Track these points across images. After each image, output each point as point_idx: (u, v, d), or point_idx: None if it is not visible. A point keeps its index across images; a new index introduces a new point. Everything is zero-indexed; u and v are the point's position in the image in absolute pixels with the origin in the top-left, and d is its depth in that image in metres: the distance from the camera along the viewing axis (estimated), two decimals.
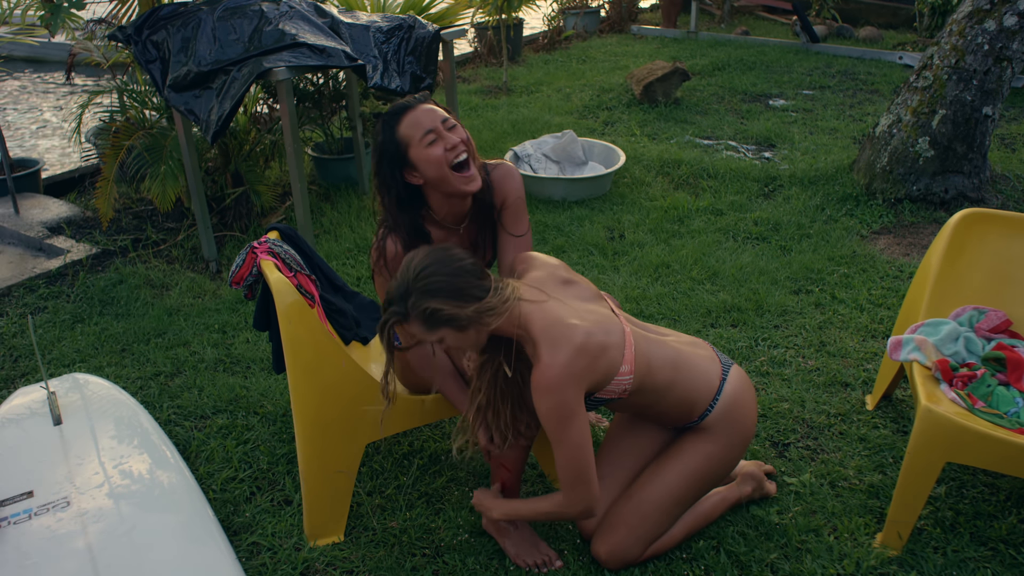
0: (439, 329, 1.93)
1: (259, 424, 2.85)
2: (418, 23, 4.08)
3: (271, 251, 2.37)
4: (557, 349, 1.91)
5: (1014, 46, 4.12)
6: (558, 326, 1.93)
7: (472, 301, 1.91)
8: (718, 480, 2.26)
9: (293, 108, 3.51)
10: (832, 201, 4.53)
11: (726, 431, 2.19)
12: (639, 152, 5.34)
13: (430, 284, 1.90)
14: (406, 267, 1.94)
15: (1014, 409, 2.26)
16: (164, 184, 3.89)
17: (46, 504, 2.21)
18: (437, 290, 1.89)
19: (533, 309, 1.96)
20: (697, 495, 2.25)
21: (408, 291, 1.91)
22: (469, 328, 1.93)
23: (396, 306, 1.93)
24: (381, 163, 2.18)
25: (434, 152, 2.13)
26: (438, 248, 1.97)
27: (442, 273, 1.90)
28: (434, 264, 1.92)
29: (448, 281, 1.90)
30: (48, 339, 3.45)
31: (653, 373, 2.08)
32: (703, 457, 2.19)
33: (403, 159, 2.16)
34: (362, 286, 3.81)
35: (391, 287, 1.95)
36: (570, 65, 8.05)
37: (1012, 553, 2.25)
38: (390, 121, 2.17)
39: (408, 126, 2.15)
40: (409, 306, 1.91)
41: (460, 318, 1.90)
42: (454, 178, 2.16)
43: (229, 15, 3.52)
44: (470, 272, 1.93)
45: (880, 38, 8.60)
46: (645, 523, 2.17)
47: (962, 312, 2.60)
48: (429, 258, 1.93)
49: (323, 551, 2.30)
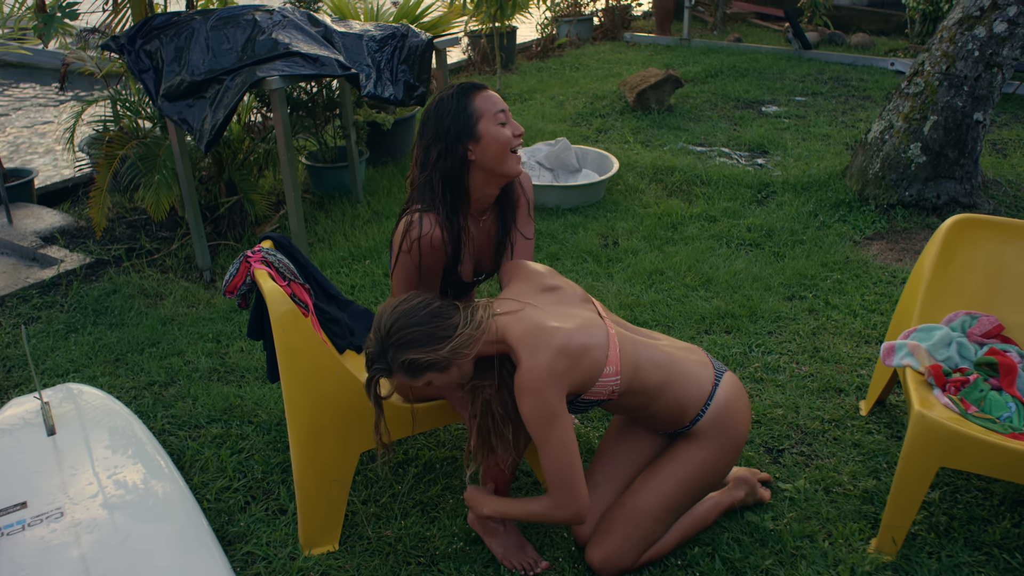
0: (423, 375, 2.02)
1: (253, 433, 2.85)
2: (411, 32, 4.09)
3: (265, 260, 2.37)
4: (536, 352, 1.94)
5: (1004, 52, 4.15)
6: (536, 331, 1.97)
7: (445, 342, 1.97)
8: (712, 486, 2.26)
9: (287, 117, 3.51)
10: (825, 207, 4.55)
11: (718, 437, 2.20)
12: (632, 159, 5.36)
13: (402, 337, 1.98)
14: (376, 326, 2.03)
15: (1007, 414, 2.26)
16: (158, 193, 3.89)
17: (39, 515, 2.20)
18: (410, 341, 1.98)
19: (509, 320, 2.01)
20: (691, 501, 2.25)
21: (384, 348, 2.00)
22: (451, 366, 2.00)
23: (378, 363, 2.02)
24: (445, 132, 2.17)
25: (503, 131, 2.18)
26: (402, 300, 2.03)
27: (411, 325, 1.98)
28: (402, 318, 1.99)
29: (418, 331, 1.98)
30: (41, 349, 3.44)
31: (641, 375, 2.09)
32: (696, 463, 2.20)
33: (471, 131, 2.17)
34: (356, 294, 3.81)
35: (368, 346, 2.03)
36: (563, 73, 8.07)
37: (1006, 558, 2.26)
38: (463, 93, 2.19)
39: (484, 100, 2.19)
40: (389, 360, 2.00)
41: (438, 361, 1.98)
42: (511, 159, 2.21)
43: (222, 24, 3.53)
44: (437, 315, 2.00)
45: (872, 44, 8.63)
46: (639, 530, 2.17)
47: (954, 317, 2.61)
48: (396, 313, 2.01)
49: (318, 560, 2.30)
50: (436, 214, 2.19)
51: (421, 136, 2.22)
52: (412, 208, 2.23)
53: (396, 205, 4.79)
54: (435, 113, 2.19)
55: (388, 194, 4.98)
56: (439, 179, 2.19)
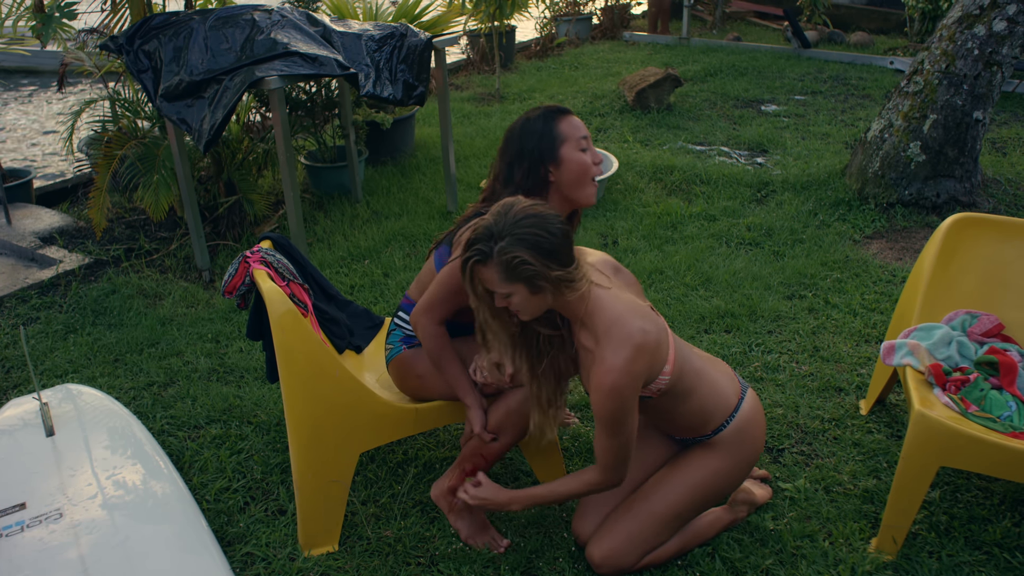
0: (515, 283, 1.88)
1: (253, 434, 2.84)
2: (410, 31, 4.08)
3: (264, 260, 2.37)
4: (619, 348, 1.90)
5: (1004, 51, 4.14)
6: (620, 323, 1.93)
7: (559, 267, 1.88)
8: (720, 497, 2.25)
9: (286, 117, 3.51)
10: (825, 206, 4.55)
11: (735, 450, 2.19)
12: (632, 158, 5.35)
13: (527, 234, 1.85)
14: (505, 210, 1.89)
15: (1007, 413, 2.26)
16: (157, 193, 3.89)
17: (38, 516, 2.20)
18: (535, 244, 1.85)
19: (602, 295, 1.97)
20: (698, 510, 2.24)
21: (501, 233, 1.85)
22: (543, 292, 1.90)
23: (482, 244, 1.87)
24: (530, 152, 2.19)
25: (585, 157, 2.20)
26: (540, 203, 1.94)
27: (542, 228, 1.87)
28: (536, 217, 1.88)
29: (544, 238, 1.86)
30: (40, 350, 3.44)
31: (683, 376, 2.09)
32: (710, 472, 2.19)
33: (553, 153, 2.19)
34: (355, 294, 3.80)
35: (480, 225, 1.90)
36: (562, 72, 8.07)
37: (1007, 557, 2.25)
38: (550, 116, 2.21)
39: (569, 126, 2.20)
40: (496, 249, 1.86)
41: (540, 277, 1.87)
42: (589, 186, 2.23)
43: (221, 24, 3.52)
44: (565, 237, 1.91)
45: (871, 43, 8.63)
46: (644, 532, 2.16)
47: (954, 316, 2.60)
48: (533, 209, 1.89)
49: (317, 561, 2.29)
50: None
51: (504, 152, 2.24)
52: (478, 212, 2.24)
53: (395, 205, 4.79)
54: (521, 132, 2.22)
55: (387, 194, 4.97)
56: (524, 189, 2.20)
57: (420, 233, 4.40)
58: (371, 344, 2.77)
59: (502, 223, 1.87)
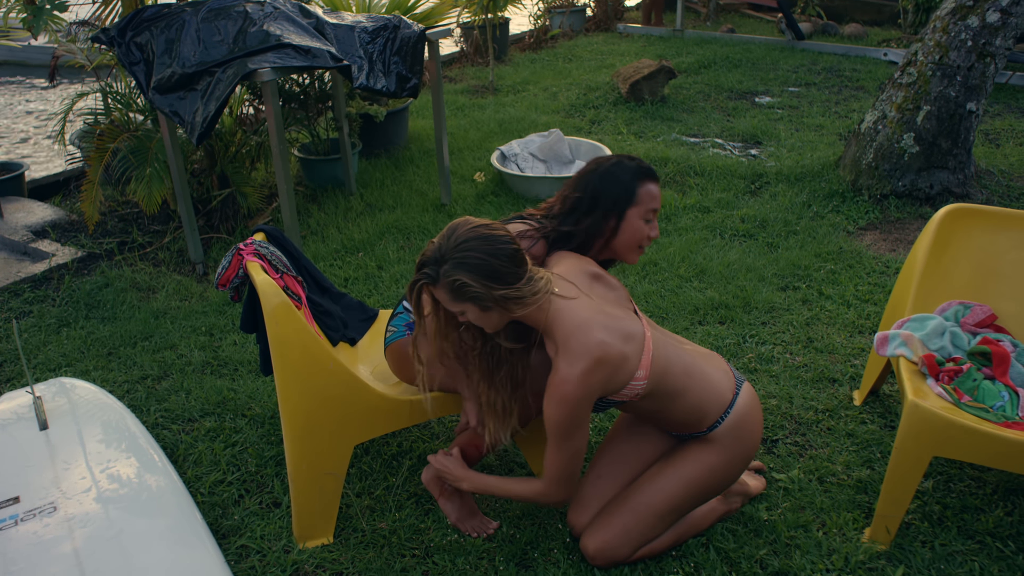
0: (464, 302, 1.95)
1: (247, 426, 2.84)
2: (403, 23, 4.07)
3: (257, 253, 2.36)
4: (576, 360, 1.92)
5: (997, 42, 4.15)
6: (580, 333, 1.94)
7: (502, 286, 1.92)
8: (715, 492, 2.26)
9: (278, 109, 3.50)
10: (818, 198, 4.55)
11: (731, 445, 2.20)
12: (626, 150, 5.35)
13: (467, 258, 1.90)
14: (449, 233, 1.95)
15: (1000, 403, 2.27)
16: (150, 186, 3.88)
17: (32, 510, 2.19)
18: (472, 266, 1.90)
19: (563, 306, 1.98)
20: (693, 504, 2.24)
21: (444, 257, 1.92)
22: (492, 310, 1.95)
23: (429, 268, 1.94)
24: (603, 197, 2.22)
25: (643, 229, 2.25)
26: (484, 225, 1.97)
27: (481, 251, 1.91)
28: (476, 240, 1.92)
29: (484, 260, 1.91)
30: (34, 343, 3.43)
31: (667, 378, 2.08)
32: (706, 468, 2.19)
33: (622, 211, 2.23)
34: (349, 287, 3.80)
35: (427, 248, 1.96)
36: (556, 64, 8.05)
37: (999, 546, 2.26)
38: (639, 174, 2.24)
39: (647, 194, 2.25)
40: (441, 272, 1.92)
41: (485, 298, 1.92)
42: (635, 253, 2.30)
43: (213, 16, 3.51)
44: (509, 257, 1.94)
45: (865, 35, 8.63)
46: (640, 524, 2.17)
47: (948, 307, 2.61)
48: (474, 232, 1.93)
49: (312, 553, 2.29)
50: (548, 243, 2.26)
51: (584, 184, 2.25)
52: (537, 227, 2.27)
53: (389, 197, 4.78)
54: (606, 174, 2.24)
55: (381, 186, 4.97)
56: (582, 229, 2.23)
57: (414, 226, 4.40)
58: (365, 336, 2.77)
59: (446, 247, 1.93)
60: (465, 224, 1.96)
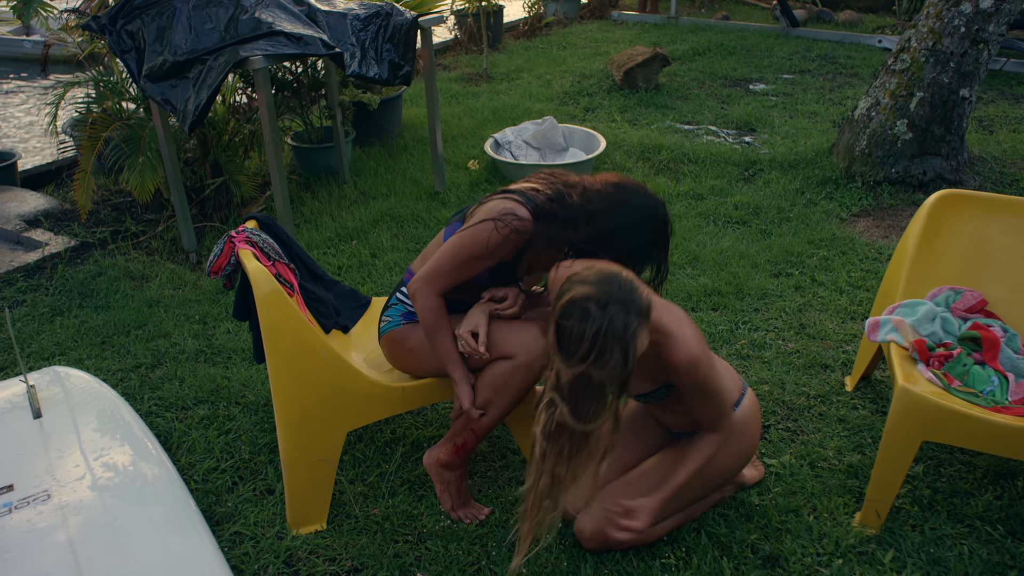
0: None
1: (241, 414, 2.85)
2: (396, 10, 4.06)
3: (249, 240, 2.36)
4: (680, 326, 1.99)
5: (990, 28, 4.14)
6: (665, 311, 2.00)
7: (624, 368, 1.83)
8: (713, 486, 2.28)
9: (271, 97, 3.48)
10: (812, 184, 4.55)
11: (735, 442, 2.22)
12: (620, 138, 5.34)
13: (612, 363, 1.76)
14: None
15: (989, 388, 2.28)
16: (142, 175, 3.86)
17: (26, 498, 2.20)
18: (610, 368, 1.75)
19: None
20: (691, 497, 2.25)
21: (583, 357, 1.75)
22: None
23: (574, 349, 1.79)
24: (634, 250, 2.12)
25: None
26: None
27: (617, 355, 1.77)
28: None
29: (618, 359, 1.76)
30: (27, 332, 3.42)
31: (709, 359, 2.12)
32: (706, 461, 2.20)
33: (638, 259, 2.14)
34: (343, 275, 3.80)
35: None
36: (550, 52, 8.03)
37: (988, 529, 2.28)
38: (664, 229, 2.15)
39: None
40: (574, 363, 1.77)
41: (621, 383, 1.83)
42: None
43: (205, 4, 3.49)
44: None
45: (860, 22, 8.62)
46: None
47: (938, 293, 2.62)
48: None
49: (306, 539, 2.30)
50: (533, 226, 2.16)
51: (614, 226, 2.11)
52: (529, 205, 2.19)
53: (383, 185, 4.78)
54: (632, 222, 2.11)
55: (375, 174, 4.96)
56: (569, 240, 2.15)
57: (407, 213, 4.39)
58: (358, 324, 2.77)
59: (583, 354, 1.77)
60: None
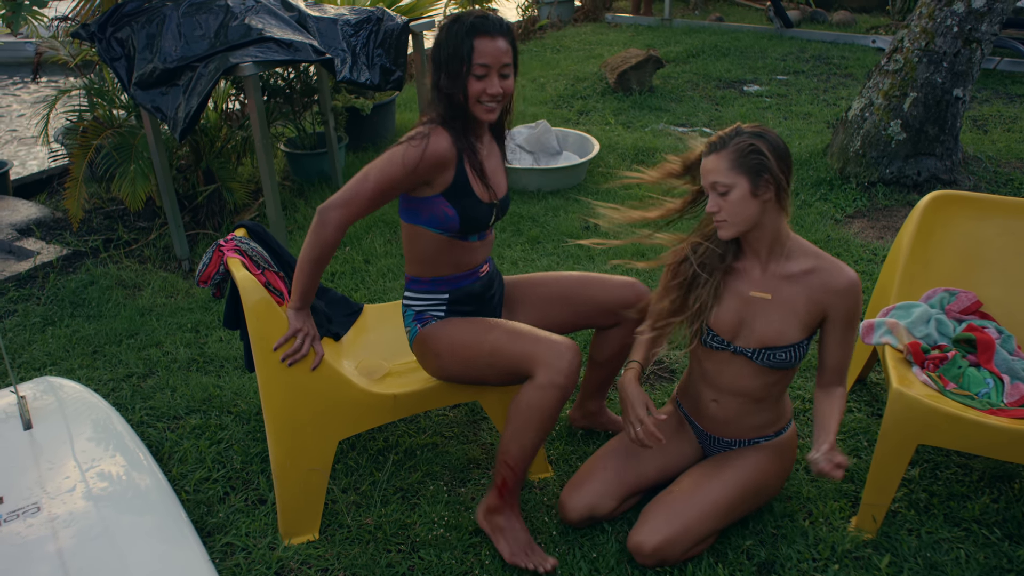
0: (741, 175, 1.93)
1: (233, 423, 2.83)
2: (387, 15, 4.05)
3: (238, 248, 2.35)
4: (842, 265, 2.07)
5: (983, 28, 4.14)
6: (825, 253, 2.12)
7: (786, 172, 1.96)
8: (764, 499, 2.27)
9: (261, 104, 3.47)
10: (806, 186, 4.54)
11: (785, 455, 2.26)
12: (614, 141, 5.33)
13: (767, 134, 1.95)
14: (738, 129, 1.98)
15: (985, 390, 2.27)
16: (134, 183, 3.85)
17: (16, 510, 2.18)
18: (771, 140, 1.93)
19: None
20: (746, 510, 2.23)
21: (741, 131, 1.95)
22: (761, 197, 1.96)
23: (718, 139, 1.98)
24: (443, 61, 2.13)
25: (476, 85, 2.11)
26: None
27: (777, 138, 1.96)
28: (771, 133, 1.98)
29: (781, 144, 1.96)
30: (18, 342, 3.40)
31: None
32: (760, 472, 2.21)
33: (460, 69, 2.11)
34: (336, 281, 3.78)
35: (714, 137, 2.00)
36: (544, 55, 8.03)
37: (985, 533, 2.26)
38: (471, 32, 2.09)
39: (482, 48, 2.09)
40: (734, 140, 1.94)
41: (768, 170, 1.93)
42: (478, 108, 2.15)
43: (194, 11, 3.48)
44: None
45: (853, 22, 8.62)
46: (700, 524, 2.11)
47: (933, 294, 2.61)
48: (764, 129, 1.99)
49: (297, 550, 2.28)
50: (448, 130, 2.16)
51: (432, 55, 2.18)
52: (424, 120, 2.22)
53: None
54: (441, 38, 2.15)
55: None
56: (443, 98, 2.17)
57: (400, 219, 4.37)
58: (350, 331, 2.76)
59: (744, 129, 1.96)
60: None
